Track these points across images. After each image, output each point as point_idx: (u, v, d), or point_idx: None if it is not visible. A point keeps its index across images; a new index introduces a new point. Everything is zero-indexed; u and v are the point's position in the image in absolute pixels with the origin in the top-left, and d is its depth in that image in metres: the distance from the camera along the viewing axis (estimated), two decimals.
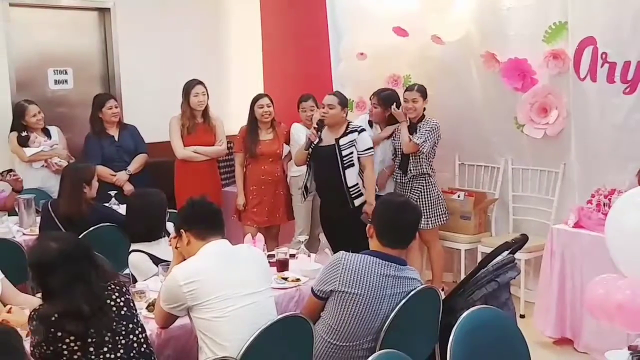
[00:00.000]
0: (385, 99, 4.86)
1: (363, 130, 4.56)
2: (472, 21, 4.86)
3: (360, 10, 5.32)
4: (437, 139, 4.76)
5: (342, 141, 4.47)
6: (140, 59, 5.94)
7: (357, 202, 4.49)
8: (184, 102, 5.16)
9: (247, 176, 5.18)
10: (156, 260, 3.33)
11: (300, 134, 5.06)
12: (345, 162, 4.45)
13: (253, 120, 5.09)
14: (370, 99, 4.98)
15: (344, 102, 4.54)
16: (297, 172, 5.12)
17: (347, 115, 4.62)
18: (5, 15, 5.30)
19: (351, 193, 4.47)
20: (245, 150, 5.11)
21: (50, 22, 5.68)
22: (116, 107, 5.22)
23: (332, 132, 4.52)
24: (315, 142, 4.53)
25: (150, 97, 5.52)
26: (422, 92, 4.75)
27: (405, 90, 4.84)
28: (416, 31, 4.99)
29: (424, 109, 4.77)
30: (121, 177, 5.12)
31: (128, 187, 5.10)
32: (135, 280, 3.34)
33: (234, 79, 6.60)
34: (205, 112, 5.23)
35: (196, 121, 5.20)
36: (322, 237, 5.42)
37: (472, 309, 2.50)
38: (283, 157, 5.24)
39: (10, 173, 4.91)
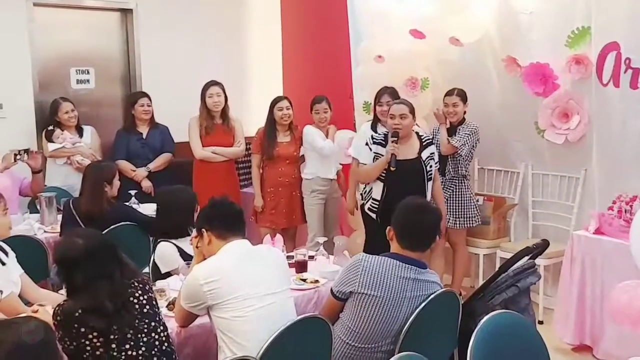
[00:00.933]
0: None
1: (433, 142, 4.44)
2: (492, 24, 4.85)
3: (379, 13, 5.32)
4: (476, 142, 4.78)
5: (423, 154, 4.27)
6: (161, 59, 5.98)
7: None
8: (201, 103, 5.20)
9: (264, 178, 5.21)
10: (184, 254, 3.37)
11: (314, 136, 5.05)
12: (429, 176, 4.28)
13: (272, 122, 5.11)
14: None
15: (413, 111, 4.27)
16: (310, 175, 5.12)
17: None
18: (29, 15, 5.36)
19: None
20: (262, 152, 5.13)
21: (73, 23, 5.73)
22: (148, 106, 5.28)
23: (405, 145, 4.24)
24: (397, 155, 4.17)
25: (171, 97, 5.55)
26: (462, 96, 4.76)
27: (445, 95, 4.82)
28: (434, 33, 4.97)
29: (465, 112, 4.79)
30: (140, 173, 5.17)
31: (146, 184, 5.15)
32: (156, 275, 3.37)
33: (253, 80, 6.62)
34: (224, 113, 5.25)
35: (215, 122, 5.24)
36: (337, 240, 5.43)
37: (492, 313, 2.48)
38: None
39: (27, 152, 4.86)
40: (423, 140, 4.30)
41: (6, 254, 2.97)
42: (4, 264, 2.85)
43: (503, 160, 5.12)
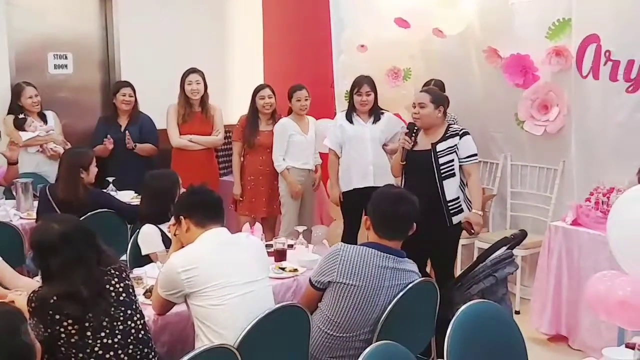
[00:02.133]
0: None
1: (467, 133, 3.94)
2: (475, 15, 4.86)
3: (363, 1, 5.30)
4: None
5: (439, 147, 3.86)
6: (140, 46, 5.90)
7: (455, 220, 3.88)
8: (180, 90, 5.14)
9: (245, 166, 5.18)
10: (166, 239, 3.36)
11: (287, 131, 4.95)
12: (443, 171, 3.85)
13: (254, 110, 5.07)
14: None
15: (438, 100, 3.91)
16: (288, 165, 5.03)
17: (444, 115, 3.98)
18: None
19: (450, 208, 3.86)
20: (243, 140, 5.10)
21: (52, 6, 5.62)
22: (130, 96, 5.16)
23: (429, 135, 3.93)
24: (410, 148, 3.94)
25: (151, 84, 5.47)
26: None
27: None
28: (418, 23, 4.97)
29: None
30: (108, 143, 5.03)
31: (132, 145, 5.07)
32: (135, 261, 3.35)
33: (234, 68, 6.57)
34: (202, 101, 5.19)
35: (193, 110, 5.18)
36: (316, 229, 5.41)
37: (469, 303, 2.49)
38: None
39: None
40: (449, 131, 3.91)
41: None
42: None
43: (483, 151, 5.07)
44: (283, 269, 3.32)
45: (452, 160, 3.84)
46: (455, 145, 3.86)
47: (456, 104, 4.96)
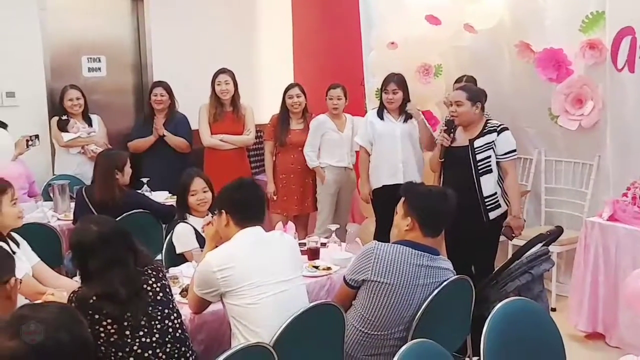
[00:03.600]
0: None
1: (505, 128, 3.94)
2: (507, 10, 4.80)
3: None
4: None
5: (476, 143, 3.90)
6: (172, 47, 5.97)
7: (492, 215, 3.91)
8: (211, 90, 5.20)
9: (277, 165, 5.23)
10: (200, 238, 3.41)
11: (323, 127, 5.01)
12: (480, 167, 3.87)
13: (284, 109, 5.11)
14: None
15: (474, 97, 3.92)
16: (324, 164, 5.11)
17: (482, 110, 3.98)
18: (42, 3, 5.36)
19: (486, 204, 3.88)
20: (275, 139, 5.14)
21: (85, 10, 5.71)
22: (162, 96, 5.26)
23: (467, 132, 3.95)
24: (449, 145, 3.98)
25: (182, 85, 5.53)
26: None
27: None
28: (449, 19, 4.93)
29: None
30: (154, 133, 5.19)
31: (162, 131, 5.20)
32: (170, 259, 3.39)
33: (265, 68, 6.60)
34: (233, 101, 5.23)
35: (224, 109, 5.23)
36: (349, 227, 5.42)
37: (506, 300, 2.47)
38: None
39: (38, 137, 4.87)
40: (487, 127, 3.92)
41: (17, 244, 2.99)
42: (14, 253, 2.85)
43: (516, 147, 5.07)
44: (316, 267, 3.33)
45: (490, 157, 3.85)
46: (493, 141, 3.86)
47: (488, 100, 4.90)
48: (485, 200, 3.86)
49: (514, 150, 3.94)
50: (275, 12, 6.68)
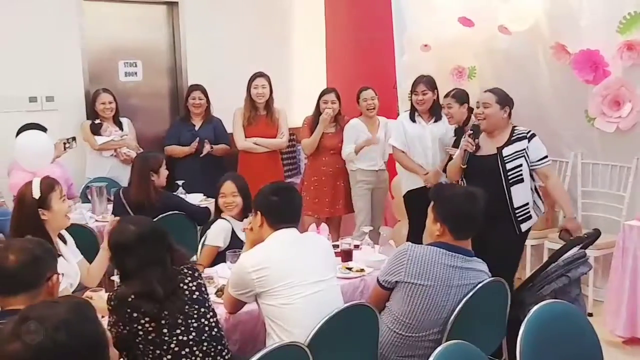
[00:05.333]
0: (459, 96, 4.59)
1: (534, 135, 3.74)
2: (542, 11, 4.75)
3: (425, 1, 5.27)
4: None
5: (505, 151, 3.67)
6: (206, 52, 6.05)
7: (524, 227, 3.71)
8: (246, 93, 5.25)
9: (308, 167, 5.27)
10: (235, 238, 3.48)
11: (356, 131, 5.03)
12: (510, 177, 3.65)
13: (318, 113, 5.13)
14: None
15: (504, 100, 3.72)
16: (354, 167, 5.13)
17: (509, 116, 3.78)
18: (80, 9, 5.48)
19: (518, 215, 3.67)
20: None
21: (121, 16, 5.83)
22: (200, 99, 5.35)
23: (492, 138, 3.75)
24: (473, 150, 3.79)
25: (216, 89, 5.60)
26: (457, 97, 4.51)
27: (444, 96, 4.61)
28: (482, 21, 4.91)
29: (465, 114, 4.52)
30: (193, 146, 5.25)
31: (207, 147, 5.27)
32: None
33: (298, 71, 6.64)
34: (268, 105, 5.28)
35: (258, 113, 5.28)
36: (383, 230, 5.41)
37: (543, 302, 2.44)
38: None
39: (75, 139, 4.97)
40: (514, 134, 3.71)
41: (65, 242, 3.06)
42: (59, 255, 2.91)
43: (551, 150, 4.91)
44: (350, 269, 3.34)
45: (521, 166, 3.65)
46: (524, 149, 3.66)
47: (522, 102, 4.85)
48: (517, 211, 3.66)
49: (547, 155, 3.78)
50: (308, 15, 6.72)
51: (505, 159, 3.65)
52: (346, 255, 3.50)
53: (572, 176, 4.91)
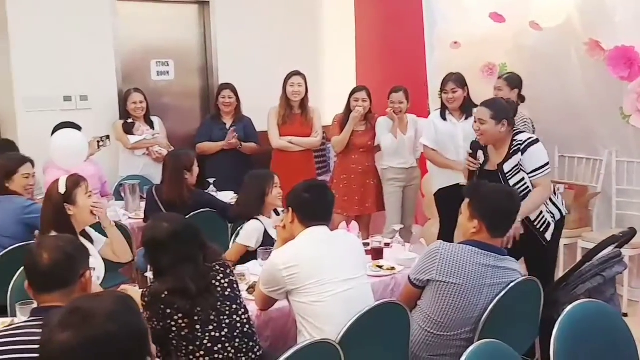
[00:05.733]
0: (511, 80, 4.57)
1: (531, 144, 3.56)
2: (575, 7, 4.68)
3: None
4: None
5: (506, 166, 3.56)
6: (237, 51, 6.08)
7: (548, 236, 3.61)
8: (282, 92, 5.27)
9: (338, 165, 5.26)
10: (267, 237, 3.48)
11: (381, 131, 5.05)
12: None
13: (349, 111, 5.13)
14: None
15: (500, 114, 3.54)
16: (385, 165, 5.14)
17: (511, 126, 3.59)
18: (113, 10, 5.55)
19: (537, 227, 3.59)
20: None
21: (154, 16, 5.89)
22: (230, 98, 5.39)
23: (497, 152, 3.64)
24: (477, 169, 3.70)
25: (247, 88, 5.63)
26: (509, 81, 4.53)
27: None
28: (513, 17, 4.85)
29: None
30: (226, 141, 5.28)
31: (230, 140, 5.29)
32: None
33: (328, 69, 6.64)
34: (303, 104, 5.30)
35: (293, 112, 5.29)
36: (414, 229, 5.40)
37: (577, 302, 2.41)
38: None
39: (109, 138, 5.06)
40: (513, 146, 3.58)
41: (91, 240, 3.12)
42: None
43: (585, 148, 4.95)
44: (380, 267, 3.34)
45: (523, 179, 3.52)
46: (519, 162, 3.52)
47: (554, 100, 4.83)
48: (535, 223, 3.57)
49: (546, 165, 3.54)
50: (338, 14, 6.72)
51: (507, 175, 3.55)
52: (377, 254, 3.50)
53: (607, 174, 4.83)
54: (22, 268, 2.85)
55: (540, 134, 4.63)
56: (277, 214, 3.71)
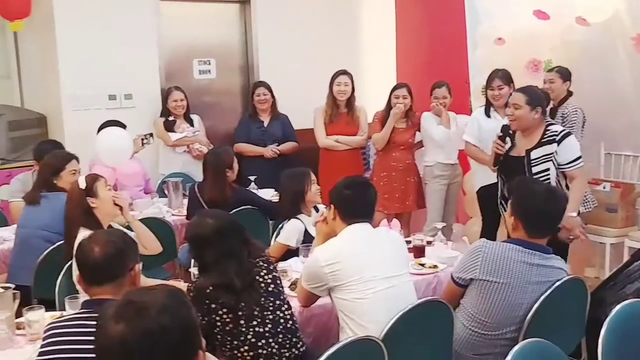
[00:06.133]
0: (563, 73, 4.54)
1: (566, 135, 3.63)
2: (622, 1, 4.58)
3: None
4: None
5: (534, 154, 3.62)
6: (278, 49, 6.12)
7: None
8: (329, 91, 5.28)
9: (378, 162, 5.25)
10: (308, 236, 3.49)
11: (430, 124, 5.04)
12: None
13: (389, 108, 5.11)
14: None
15: (535, 101, 3.62)
16: (431, 162, 5.12)
17: (543, 115, 3.67)
18: (156, 10, 5.65)
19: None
20: None
21: (196, 15, 5.97)
22: (264, 95, 5.42)
23: (526, 138, 3.68)
24: (503, 153, 3.75)
25: (287, 86, 5.66)
26: (562, 73, 4.51)
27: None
28: (558, 13, 4.77)
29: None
30: (267, 151, 5.34)
31: (270, 153, 5.34)
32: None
33: (368, 67, 6.62)
34: (349, 103, 5.30)
35: (339, 111, 5.30)
36: (455, 227, 5.36)
37: (625, 302, 2.36)
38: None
39: (152, 135, 5.16)
40: (546, 136, 3.63)
41: None
42: None
43: (632, 145, 4.84)
44: (422, 265, 3.32)
45: (547, 170, 3.55)
46: (553, 153, 3.55)
47: (600, 96, 4.72)
48: None
49: (579, 157, 3.61)
50: (379, 10, 6.72)
51: (532, 161, 3.59)
52: (418, 252, 3.48)
53: None
54: (69, 263, 2.95)
55: (587, 131, 4.58)
56: (317, 210, 3.71)
